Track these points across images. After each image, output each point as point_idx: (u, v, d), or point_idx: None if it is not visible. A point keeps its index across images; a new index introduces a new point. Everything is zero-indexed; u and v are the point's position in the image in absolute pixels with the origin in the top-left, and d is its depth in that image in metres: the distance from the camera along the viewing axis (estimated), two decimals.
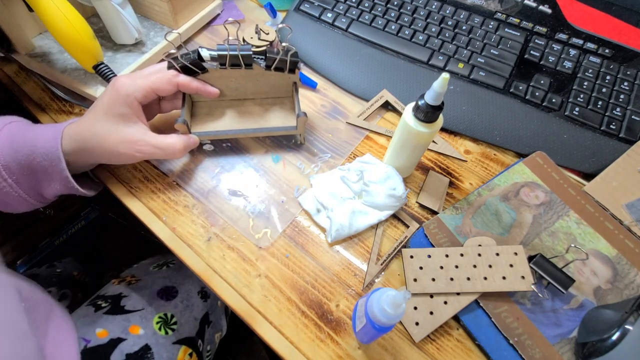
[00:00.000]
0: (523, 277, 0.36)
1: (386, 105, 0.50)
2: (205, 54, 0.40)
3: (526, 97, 0.49)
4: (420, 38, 0.53)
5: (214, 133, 0.42)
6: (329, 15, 0.55)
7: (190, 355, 0.47)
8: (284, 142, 0.46)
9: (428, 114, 0.34)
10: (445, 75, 0.31)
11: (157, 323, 0.46)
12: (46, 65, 0.47)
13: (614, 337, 0.32)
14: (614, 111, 0.47)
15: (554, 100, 0.48)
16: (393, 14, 0.55)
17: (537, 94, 0.49)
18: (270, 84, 0.44)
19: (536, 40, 0.53)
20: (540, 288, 0.36)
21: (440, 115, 0.36)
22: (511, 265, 0.37)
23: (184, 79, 0.39)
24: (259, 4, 0.60)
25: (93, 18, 0.53)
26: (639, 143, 0.45)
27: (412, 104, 0.36)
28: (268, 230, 0.40)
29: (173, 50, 0.39)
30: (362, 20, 0.55)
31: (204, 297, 0.53)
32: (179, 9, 0.51)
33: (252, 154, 0.45)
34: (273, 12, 0.54)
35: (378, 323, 0.28)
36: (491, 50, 0.52)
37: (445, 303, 0.36)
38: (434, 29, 0.54)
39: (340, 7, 0.56)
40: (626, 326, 0.32)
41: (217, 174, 0.44)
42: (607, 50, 0.52)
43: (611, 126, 0.46)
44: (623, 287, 0.37)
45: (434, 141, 0.47)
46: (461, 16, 0.55)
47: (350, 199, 0.41)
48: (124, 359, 0.41)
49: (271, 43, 0.41)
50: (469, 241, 0.39)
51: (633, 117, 0.47)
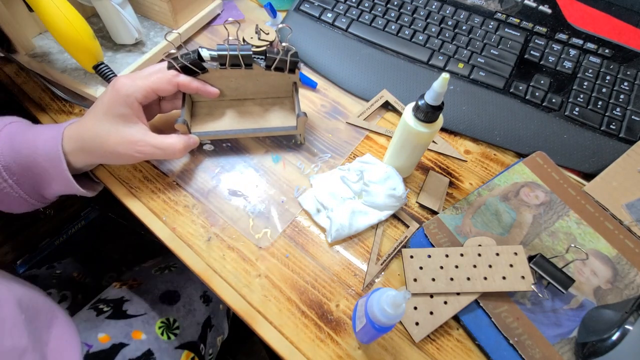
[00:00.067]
0: (523, 277, 0.36)
1: (386, 105, 0.50)
2: (205, 54, 0.40)
3: (526, 97, 0.49)
4: (420, 38, 0.53)
5: (214, 133, 0.42)
6: (329, 15, 0.55)
7: (193, 359, 0.47)
8: (284, 142, 0.46)
9: (428, 114, 0.34)
10: (445, 75, 0.31)
11: (160, 328, 0.46)
12: (46, 65, 0.47)
13: (614, 337, 0.32)
14: (614, 111, 0.47)
15: (554, 100, 0.48)
16: (393, 14, 0.55)
17: (537, 94, 0.49)
18: (270, 84, 0.44)
19: (536, 40, 0.53)
20: (540, 288, 0.36)
21: (440, 115, 0.36)
22: (511, 265, 0.37)
23: (184, 79, 0.39)
24: (259, 4, 0.60)
25: (93, 18, 0.53)
26: (639, 143, 0.45)
27: (412, 104, 0.36)
28: (268, 230, 0.40)
29: (173, 50, 0.39)
30: (362, 20, 0.55)
31: (206, 301, 0.53)
32: (179, 9, 0.51)
33: (252, 154, 0.45)
34: (273, 12, 0.54)
35: (378, 323, 0.28)
36: (491, 50, 0.52)
37: (445, 303, 0.36)
38: (434, 29, 0.54)
39: (340, 7, 0.56)
40: (626, 326, 0.33)
41: (217, 174, 0.44)
42: (607, 50, 0.52)
43: (611, 126, 0.46)
44: (623, 287, 0.37)
45: (434, 141, 0.47)
46: (461, 16, 0.55)
47: (350, 199, 0.41)
48: None
49: (271, 43, 0.41)
50: (469, 241, 0.39)
51: (633, 117, 0.47)
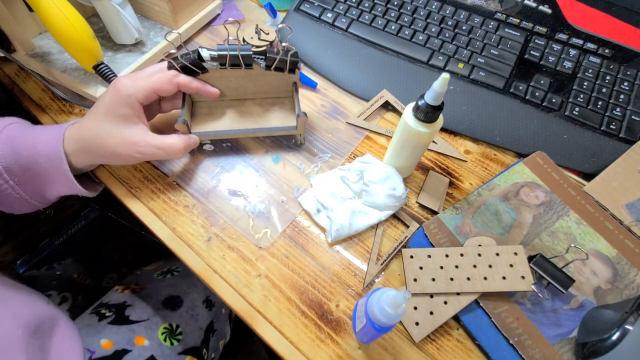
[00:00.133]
0: (523, 277, 0.36)
1: (386, 105, 0.50)
2: (205, 54, 0.40)
3: (526, 97, 0.49)
4: (420, 38, 0.53)
5: (214, 133, 0.42)
6: (329, 15, 0.55)
7: None
8: (284, 142, 0.46)
9: (428, 114, 0.34)
10: (445, 75, 0.31)
11: (163, 334, 0.46)
12: (46, 65, 0.47)
13: (614, 337, 0.32)
14: (614, 111, 0.47)
15: (554, 100, 0.48)
16: (393, 14, 0.55)
17: (537, 94, 0.49)
18: (270, 84, 0.44)
19: (536, 40, 0.53)
20: (540, 288, 0.36)
21: (440, 115, 0.36)
22: (511, 265, 0.37)
23: (184, 79, 0.39)
24: (259, 4, 0.60)
25: (93, 18, 0.53)
26: (639, 143, 0.45)
27: (412, 104, 0.36)
28: (268, 230, 0.40)
29: (173, 50, 0.39)
30: (362, 20, 0.55)
31: (209, 306, 0.53)
32: (179, 9, 0.51)
33: (252, 154, 0.45)
34: (273, 12, 0.54)
35: (378, 323, 0.28)
36: (491, 51, 0.52)
37: (445, 303, 0.36)
38: (434, 29, 0.54)
39: (340, 7, 0.56)
40: (626, 326, 0.33)
41: (217, 174, 0.44)
42: (607, 51, 0.52)
43: (611, 126, 0.46)
44: (623, 287, 0.37)
45: (434, 141, 0.47)
46: (461, 16, 0.55)
47: (350, 199, 0.41)
48: None
49: (271, 43, 0.41)
50: (469, 241, 0.39)
51: (633, 117, 0.47)
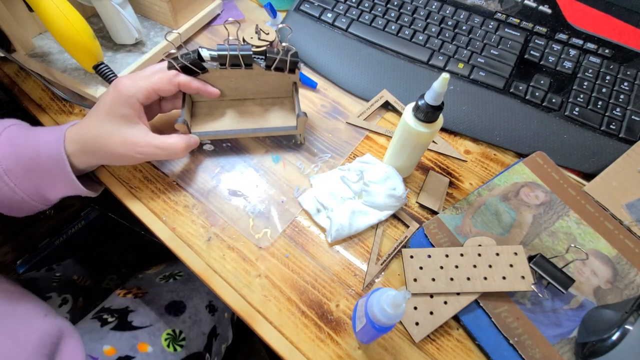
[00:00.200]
0: (523, 277, 0.36)
1: (386, 105, 0.50)
2: (205, 54, 0.40)
3: (526, 97, 0.49)
4: (420, 38, 0.53)
5: (214, 133, 0.42)
6: (329, 15, 0.55)
7: None
8: (284, 142, 0.46)
9: (428, 114, 0.34)
10: (445, 76, 0.31)
11: (166, 340, 0.45)
12: (46, 65, 0.47)
13: (614, 337, 0.32)
14: (614, 111, 0.47)
15: (554, 100, 0.48)
16: (393, 14, 0.55)
17: (537, 94, 0.49)
18: (270, 84, 0.44)
19: (536, 41, 0.53)
20: (540, 288, 0.36)
21: (440, 115, 0.36)
22: (511, 265, 0.37)
23: (184, 79, 0.39)
24: (259, 4, 0.60)
25: (93, 18, 0.53)
26: (639, 143, 0.45)
27: (412, 104, 0.36)
28: (268, 230, 0.40)
29: (173, 50, 0.39)
30: (362, 20, 0.55)
31: (211, 311, 0.52)
32: (179, 9, 0.51)
33: (252, 154, 0.45)
34: (273, 12, 0.54)
35: (378, 323, 0.28)
36: (491, 51, 0.52)
37: (445, 303, 0.36)
38: (434, 29, 0.54)
39: (340, 7, 0.56)
40: (626, 326, 0.33)
41: (217, 174, 0.44)
42: (607, 51, 0.52)
43: (611, 126, 0.46)
44: (623, 287, 0.37)
45: (434, 141, 0.47)
46: (461, 16, 0.55)
47: (350, 199, 0.41)
48: None
49: (271, 43, 0.41)
50: (469, 241, 0.39)
51: (633, 117, 0.47)
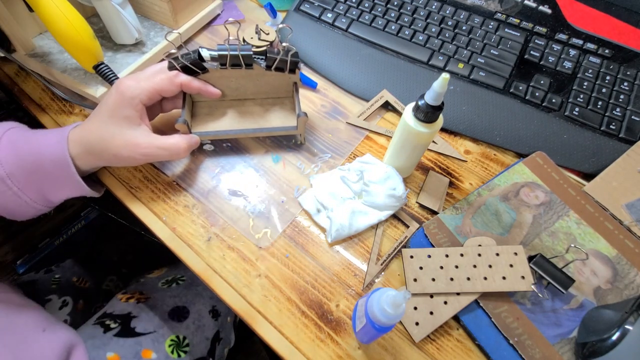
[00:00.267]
0: (523, 277, 0.36)
1: (386, 105, 0.50)
2: (206, 54, 0.40)
3: (526, 97, 0.49)
4: (420, 38, 0.53)
5: (215, 133, 0.42)
6: (329, 15, 0.55)
7: None
8: (284, 142, 0.46)
9: (428, 114, 0.34)
10: (445, 76, 0.31)
11: (170, 346, 0.45)
12: (46, 65, 0.47)
13: (614, 337, 0.32)
14: (613, 111, 0.47)
15: (554, 100, 0.48)
16: (393, 14, 0.55)
17: (537, 94, 0.49)
18: (270, 84, 0.44)
19: (536, 41, 0.53)
20: (540, 288, 0.36)
21: (440, 116, 0.36)
22: (511, 265, 0.37)
23: (185, 79, 0.39)
24: (259, 4, 0.60)
25: (93, 18, 0.53)
26: (639, 143, 0.45)
27: (412, 104, 0.36)
28: (268, 230, 0.40)
29: (174, 50, 0.39)
30: (362, 20, 0.55)
31: (215, 316, 0.52)
32: (179, 9, 0.51)
33: (252, 154, 0.45)
34: (273, 12, 0.54)
35: (378, 323, 0.28)
36: (491, 51, 0.52)
37: (445, 303, 0.36)
38: (434, 29, 0.54)
39: (340, 8, 0.56)
40: (626, 326, 0.33)
41: (217, 174, 0.44)
42: (607, 51, 0.52)
43: (611, 126, 0.46)
44: (623, 287, 0.37)
45: (434, 141, 0.47)
46: (461, 16, 0.55)
47: (350, 199, 0.41)
48: None
49: (271, 43, 0.41)
50: (469, 241, 0.39)
51: (633, 117, 0.47)
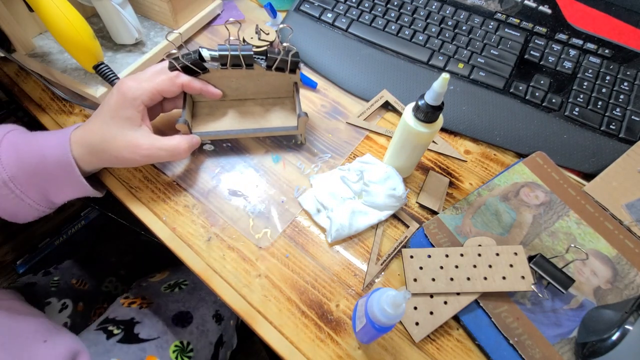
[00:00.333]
0: (523, 277, 0.36)
1: (386, 106, 0.50)
2: (206, 54, 0.40)
3: (526, 97, 0.49)
4: (420, 38, 0.53)
5: (215, 133, 0.42)
6: (329, 15, 0.55)
7: None
8: (284, 142, 0.46)
9: (428, 114, 0.34)
10: (445, 76, 0.31)
11: (174, 352, 0.45)
12: (46, 65, 0.47)
13: (614, 337, 0.32)
14: (613, 111, 0.47)
15: (554, 100, 0.48)
16: (393, 14, 0.55)
17: (537, 94, 0.49)
18: (271, 84, 0.44)
19: (536, 41, 0.53)
20: (540, 288, 0.36)
21: (440, 116, 0.36)
22: (511, 265, 0.37)
23: (187, 79, 0.39)
24: (259, 4, 0.60)
25: (93, 18, 0.53)
26: (638, 143, 0.45)
27: (412, 104, 0.36)
28: (268, 230, 0.40)
29: (174, 51, 0.39)
30: (362, 20, 0.55)
31: (218, 321, 0.52)
32: (179, 9, 0.51)
33: (252, 154, 0.45)
34: (273, 13, 0.54)
35: (378, 323, 0.28)
36: (491, 51, 0.52)
37: (445, 303, 0.36)
38: (434, 29, 0.54)
39: (341, 8, 0.56)
40: (626, 326, 0.33)
41: (217, 174, 0.44)
42: (607, 51, 0.52)
43: (611, 126, 0.46)
44: (623, 287, 0.37)
45: (434, 141, 0.47)
46: (461, 16, 0.55)
47: (350, 199, 0.41)
48: None
49: (271, 43, 0.41)
50: (469, 241, 0.39)
51: (633, 118, 0.47)
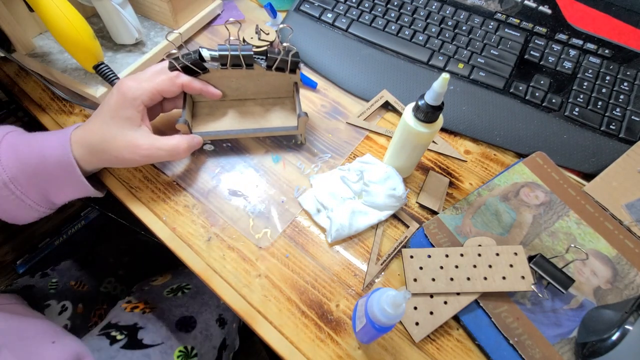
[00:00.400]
0: (523, 277, 0.36)
1: (386, 106, 0.50)
2: (206, 54, 0.40)
3: (526, 98, 0.49)
4: (420, 38, 0.53)
5: (215, 133, 0.42)
6: (329, 15, 0.55)
7: None
8: (284, 142, 0.46)
9: (428, 114, 0.34)
10: (445, 76, 0.31)
11: (178, 357, 0.45)
12: (46, 65, 0.47)
13: (614, 337, 0.32)
14: (613, 111, 0.47)
15: (554, 100, 0.48)
16: (393, 15, 0.55)
17: (537, 94, 0.49)
18: (271, 84, 0.44)
19: (536, 41, 0.53)
20: (540, 288, 0.36)
21: (440, 116, 0.36)
22: (511, 265, 0.37)
23: (187, 79, 0.39)
24: (259, 4, 0.60)
25: (93, 18, 0.53)
26: (638, 143, 0.45)
27: (412, 104, 0.36)
28: (268, 230, 0.40)
29: (174, 51, 0.39)
30: (362, 20, 0.55)
31: (221, 325, 0.52)
32: (179, 9, 0.51)
33: (252, 154, 0.45)
34: (273, 13, 0.54)
35: (378, 323, 0.28)
36: (491, 51, 0.52)
37: (445, 303, 0.36)
38: (434, 30, 0.54)
39: (341, 8, 0.56)
40: (626, 326, 0.33)
41: (217, 174, 0.44)
42: (607, 51, 0.52)
43: (611, 126, 0.46)
44: (623, 287, 0.37)
45: (434, 141, 0.47)
46: (461, 16, 0.55)
47: (350, 199, 0.41)
48: None
49: (271, 43, 0.41)
50: (469, 241, 0.39)
51: (633, 118, 0.47)
